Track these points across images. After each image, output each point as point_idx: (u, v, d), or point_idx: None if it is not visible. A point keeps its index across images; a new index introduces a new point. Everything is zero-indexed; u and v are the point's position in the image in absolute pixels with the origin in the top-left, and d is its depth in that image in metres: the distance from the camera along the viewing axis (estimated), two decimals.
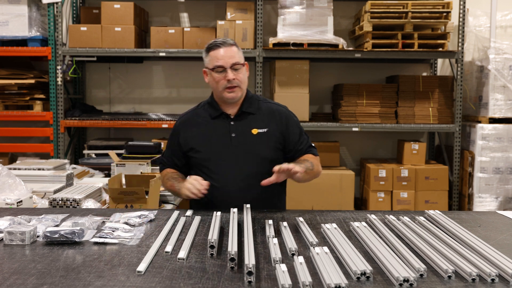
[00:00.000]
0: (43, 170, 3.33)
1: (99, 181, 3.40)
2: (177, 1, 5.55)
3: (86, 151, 4.91)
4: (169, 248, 1.70)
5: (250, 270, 1.41)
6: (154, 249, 1.69)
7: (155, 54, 4.98)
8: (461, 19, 4.96)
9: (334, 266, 1.46)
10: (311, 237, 1.79)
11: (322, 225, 1.96)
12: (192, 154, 2.44)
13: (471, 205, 4.97)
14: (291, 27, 4.91)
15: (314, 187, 4.72)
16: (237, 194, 2.35)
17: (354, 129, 5.01)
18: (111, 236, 1.83)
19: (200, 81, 5.61)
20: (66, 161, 3.82)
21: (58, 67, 4.94)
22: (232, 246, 1.56)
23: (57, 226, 1.96)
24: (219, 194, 2.36)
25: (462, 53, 4.95)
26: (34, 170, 3.34)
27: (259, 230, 1.96)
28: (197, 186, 2.25)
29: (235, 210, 2.08)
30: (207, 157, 2.41)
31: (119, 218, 2.07)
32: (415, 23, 4.86)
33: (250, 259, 1.44)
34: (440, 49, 4.94)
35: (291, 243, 1.70)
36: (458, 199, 5.13)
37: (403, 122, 5.05)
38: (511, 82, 4.88)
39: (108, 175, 3.87)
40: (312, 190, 4.77)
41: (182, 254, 1.62)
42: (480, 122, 4.98)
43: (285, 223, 1.94)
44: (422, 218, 2.04)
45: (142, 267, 1.51)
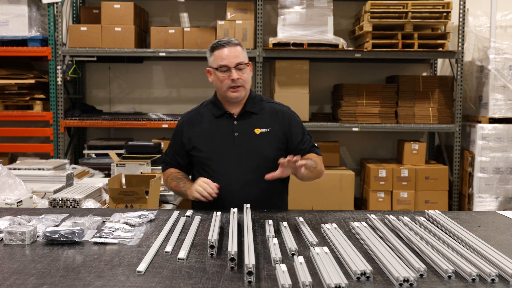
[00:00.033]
0: (43, 170, 3.33)
1: (99, 181, 3.40)
2: (177, 1, 5.55)
3: (86, 151, 4.91)
4: (169, 248, 1.70)
5: (250, 270, 1.41)
6: (154, 249, 1.69)
7: (155, 54, 4.98)
8: (461, 19, 4.96)
9: (334, 266, 1.46)
10: (311, 237, 1.79)
11: (322, 225, 1.96)
12: (194, 153, 2.45)
13: (471, 205, 4.97)
14: (291, 27, 4.91)
15: (314, 187, 4.72)
16: (239, 193, 2.35)
17: (354, 129, 5.01)
18: (111, 236, 1.83)
19: (200, 81, 5.61)
20: (66, 161, 3.82)
21: (58, 67, 4.94)
22: (232, 246, 1.56)
23: (57, 226, 1.96)
24: (222, 193, 2.35)
25: (462, 53, 4.95)
26: (34, 170, 3.34)
27: (259, 230, 1.96)
28: (208, 190, 2.26)
29: (235, 210, 2.08)
30: (210, 156, 2.41)
31: (119, 218, 2.07)
32: (415, 23, 4.86)
33: (250, 259, 1.44)
34: (440, 49, 4.93)
35: (291, 243, 1.70)
36: (458, 199, 5.13)
37: (403, 122, 5.05)
38: (511, 82, 4.88)
39: (108, 175, 3.87)
40: (312, 190, 4.77)
41: (182, 254, 1.62)
42: (480, 122, 4.98)
43: (285, 223, 1.94)
44: (422, 218, 2.04)
45: (142, 267, 1.51)
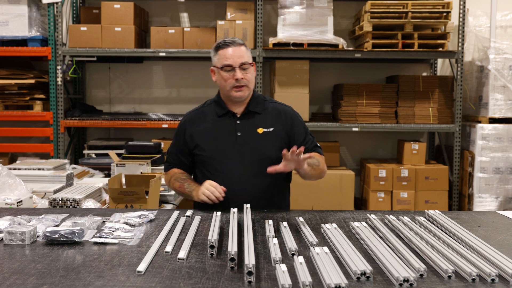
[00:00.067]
0: (43, 170, 3.33)
1: (99, 181, 3.40)
2: (177, 1, 5.55)
3: (86, 151, 4.91)
4: (169, 248, 1.70)
5: (250, 270, 1.41)
6: (154, 249, 1.69)
7: (155, 54, 4.98)
8: (461, 19, 4.96)
9: (334, 266, 1.46)
10: (311, 237, 1.79)
11: (322, 225, 1.96)
12: (197, 152, 2.45)
13: (471, 205, 4.97)
14: (291, 27, 4.91)
15: (314, 187, 4.72)
16: (242, 192, 2.35)
17: (354, 129, 5.01)
18: (111, 236, 1.83)
19: (200, 81, 5.61)
20: (66, 161, 3.82)
21: (58, 67, 4.94)
22: (232, 246, 1.56)
23: (57, 226, 1.96)
24: (224, 192, 2.35)
25: (462, 53, 4.95)
26: (34, 170, 3.34)
27: (259, 230, 1.96)
28: (215, 194, 2.27)
29: (235, 210, 2.08)
30: (212, 155, 2.41)
31: (119, 218, 2.07)
32: (415, 23, 4.86)
33: (250, 259, 1.44)
34: (440, 49, 4.93)
35: (291, 243, 1.70)
36: (458, 199, 5.13)
37: (403, 122, 5.05)
38: (511, 82, 4.88)
39: (108, 175, 3.87)
40: (312, 190, 4.77)
41: (182, 254, 1.62)
42: (480, 122, 4.98)
43: (285, 223, 1.94)
44: (422, 218, 2.04)
45: (142, 267, 1.51)
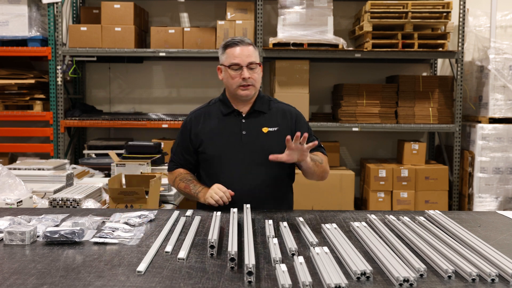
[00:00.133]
0: (43, 170, 3.33)
1: (99, 181, 3.40)
2: (177, 1, 5.55)
3: (86, 151, 4.91)
4: (169, 248, 1.70)
5: (250, 270, 1.41)
6: (154, 249, 1.69)
7: (155, 54, 4.98)
8: (461, 19, 4.96)
9: (334, 266, 1.46)
10: (311, 237, 1.79)
11: (322, 225, 1.96)
12: (202, 150, 2.45)
13: (471, 205, 4.97)
14: (291, 27, 4.91)
15: (314, 187, 4.72)
16: (246, 191, 2.35)
17: (354, 129, 5.01)
18: (111, 236, 1.83)
19: (200, 81, 5.61)
20: (66, 161, 3.82)
21: (58, 67, 4.94)
22: (232, 246, 1.56)
23: (57, 226, 1.96)
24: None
25: (462, 53, 4.95)
26: (34, 170, 3.34)
27: (259, 230, 1.97)
28: (224, 199, 2.27)
29: (235, 210, 2.08)
30: (217, 153, 2.41)
31: (119, 218, 2.07)
32: (415, 23, 4.86)
33: (250, 259, 1.44)
34: (440, 49, 4.93)
35: (291, 243, 1.70)
36: (458, 199, 5.13)
37: (403, 122, 5.05)
38: (511, 82, 4.88)
39: (108, 175, 3.87)
40: (312, 190, 4.77)
41: (182, 254, 1.62)
42: (480, 122, 4.98)
43: (285, 223, 1.94)
44: (422, 218, 2.04)
45: (142, 267, 1.51)
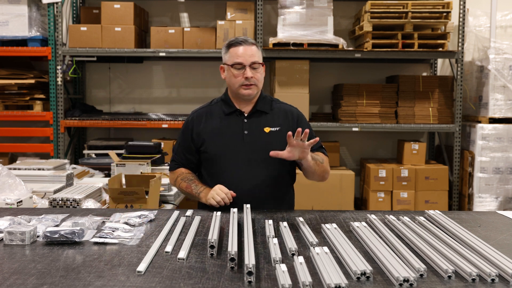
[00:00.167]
0: (43, 170, 3.33)
1: (99, 181, 3.40)
2: (177, 1, 5.55)
3: (86, 151, 4.91)
4: (169, 248, 1.70)
5: (250, 270, 1.41)
6: (154, 249, 1.69)
7: (155, 54, 4.98)
8: (461, 19, 4.96)
9: (334, 266, 1.46)
10: (311, 237, 1.79)
11: (322, 225, 1.96)
12: (203, 149, 2.45)
13: (471, 205, 4.97)
14: (291, 27, 4.91)
15: (314, 187, 4.72)
16: (247, 191, 2.36)
17: (354, 129, 5.01)
18: (111, 236, 1.83)
19: (200, 81, 5.61)
20: (66, 161, 3.82)
21: (58, 67, 4.94)
22: (232, 246, 1.56)
23: (57, 226, 1.96)
24: (230, 190, 2.35)
25: (462, 53, 4.95)
26: (34, 170, 3.34)
27: (259, 230, 1.96)
28: (225, 200, 2.27)
29: (235, 210, 2.08)
30: (219, 152, 2.41)
31: (119, 218, 2.07)
32: (415, 23, 4.86)
33: (250, 259, 1.44)
34: (440, 49, 4.93)
35: (291, 243, 1.70)
36: (458, 199, 5.13)
37: (403, 122, 5.05)
38: (511, 82, 4.88)
39: (108, 175, 3.87)
40: (312, 190, 4.77)
41: (182, 254, 1.62)
42: (480, 122, 4.98)
43: (285, 223, 1.94)
44: (422, 218, 2.04)
45: (142, 267, 1.51)
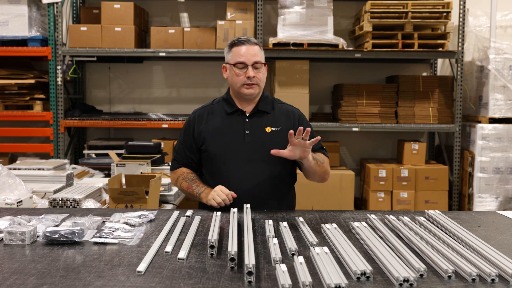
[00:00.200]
0: (43, 170, 3.33)
1: (99, 181, 3.40)
2: (177, 1, 5.55)
3: (86, 151, 4.91)
4: (169, 248, 1.70)
5: (250, 270, 1.41)
6: (154, 249, 1.69)
7: (155, 54, 4.98)
8: (461, 19, 4.96)
9: (334, 266, 1.46)
10: (311, 237, 1.79)
11: (322, 225, 1.96)
12: (205, 148, 2.45)
13: (471, 205, 4.97)
14: (291, 27, 4.91)
15: (314, 187, 4.71)
16: (247, 190, 2.36)
17: (354, 129, 5.01)
18: (111, 236, 1.83)
19: (200, 81, 5.61)
20: (66, 161, 3.82)
21: (58, 67, 4.94)
22: (232, 246, 1.56)
23: (57, 226, 1.96)
24: (231, 190, 2.35)
25: (462, 53, 4.95)
26: (34, 170, 3.34)
27: (259, 230, 1.96)
28: (226, 202, 2.27)
29: (235, 210, 2.08)
30: (220, 152, 2.42)
31: (119, 218, 2.07)
32: (415, 23, 4.86)
33: (250, 259, 1.44)
34: (440, 49, 4.93)
35: (291, 243, 1.70)
36: (458, 199, 5.13)
37: (403, 122, 5.05)
38: (511, 82, 4.88)
39: (108, 175, 3.87)
40: (312, 190, 4.77)
41: (182, 254, 1.62)
42: (480, 122, 4.98)
43: (285, 223, 1.94)
44: (422, 218, 2.04)
45: (142, 267, 1.51)
